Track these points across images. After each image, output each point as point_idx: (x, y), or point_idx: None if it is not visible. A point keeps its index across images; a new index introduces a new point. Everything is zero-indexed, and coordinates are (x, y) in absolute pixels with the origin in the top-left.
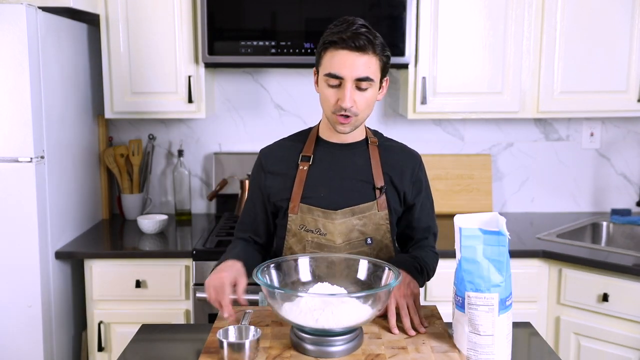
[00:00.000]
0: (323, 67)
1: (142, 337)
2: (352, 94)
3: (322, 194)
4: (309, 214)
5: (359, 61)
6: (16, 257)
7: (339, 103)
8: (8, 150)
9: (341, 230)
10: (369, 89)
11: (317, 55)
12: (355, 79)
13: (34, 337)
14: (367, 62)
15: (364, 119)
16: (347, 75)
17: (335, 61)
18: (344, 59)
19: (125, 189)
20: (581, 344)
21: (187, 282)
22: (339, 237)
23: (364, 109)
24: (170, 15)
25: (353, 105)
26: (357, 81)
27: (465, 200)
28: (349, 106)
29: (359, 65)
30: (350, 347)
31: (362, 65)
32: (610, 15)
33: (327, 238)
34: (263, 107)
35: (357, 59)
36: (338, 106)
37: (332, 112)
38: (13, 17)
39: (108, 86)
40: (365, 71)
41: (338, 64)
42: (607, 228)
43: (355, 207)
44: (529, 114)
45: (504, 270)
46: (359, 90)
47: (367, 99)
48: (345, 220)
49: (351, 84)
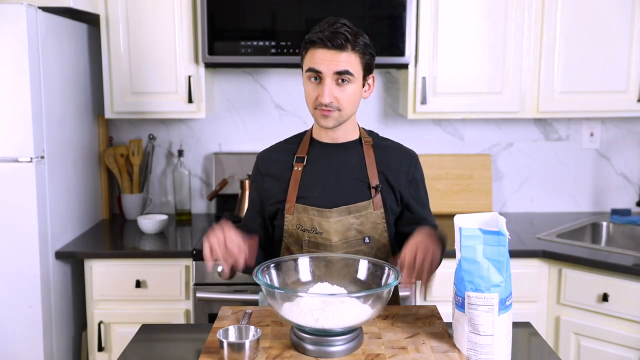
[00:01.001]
0: (304, 64)
1: (142, 337)
2: (332, 89)
3: (317, 194)
4: (304, 214)
5: (338, 57)
6: (16, 257)
7: (319, 99)
8: (8, 150)
9: (337, 228)
10: (349, 84)
11: (301, 55)
12: (335, 73)
13: (34, 337)
14: (345, 58)
15: (348, 115)
16: (325, 70)
17: (315, 58)
18: (322, 56)
19: (125, 189)
20: (581, 344)
21: (187, 282)
22: (335, 235)
23: (347, 104)
24: (170, 15)
25: (333, 101)
26: (337, 75)
27: (465, 200)
28: (327, 102)
29: (338, 61)
30: (350, 347)
31: (341, 60)
32: (610, 15)
33: (323, 237)
34: (263, 107)
35: (335, 55)
36: (318, 101)
37: (314, 108)
38: (13, 17)
39: (108, 86)
40: (344, 65)
41: (317, 60)
42: (607, 228)
43: (351, 206)
44: (529, 114)
45: (504, 270)
46: (339, 86)
47: (349, 94)
48: (341, 218)
49: (330, 80)
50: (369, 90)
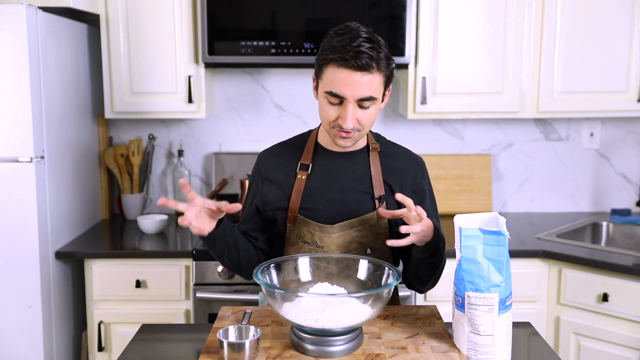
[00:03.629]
0: (324, 83)
1: (142, 337)
2: (354, 113)
3: (320, 206)
4: (305, 227)
5: (362, 80)
6: (16, 257)
7: (339, 122)
8: (8, 150)
9: (339, 243)
10: (372, 106)
11: (318, 66)
12: (358, 100)
13: (34, 337)
14: (370, 81)
15: (366, 132)
16: (348, 95)
17: (337, 80)
18: (345, 79)
19: (126, 189)
20: (581, 344)
21: (187, 282)
22: (336, 249)
23: (367, 124)
24: (170, 15)
25: (354, 125)
26: (359, 101)
27: (465, 200)
28: (350, 127)
29: (361, 86)
30: (350, 347)
31: (364, 85)
32: (610, 15)
33: (323, 251)
34: (263, 107)
35: (360, 78)
36: (338, 123)
37: (330, 127)
38: (13, 17)
39: (108, 86)
40: (368, 91)
41: (340, 83)
42: (607, 228)
43: (354, 220)
44: (529, 114)
45: (503, 270)
46: (361, 109)
47: (369, 115)
48: (343, 233)
49: (353, 105)
50: (384, 101)
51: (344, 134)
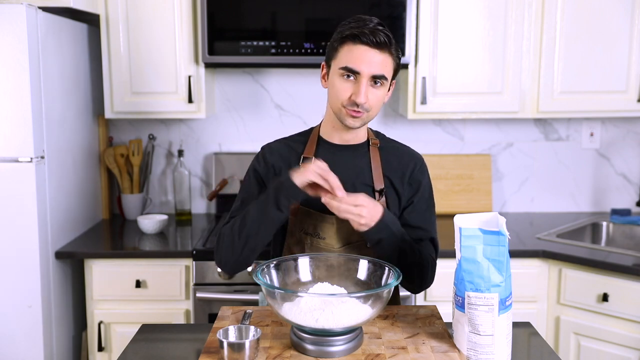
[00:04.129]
0: (338, 60)
1: (142, 337)
2: (367, 89)
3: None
4: (307, 217)
5: (377, 58)
6: (16, 257)
7: (353, 98)
8: (8, 150)
9: (340, 234)
10: (381, 87)
11: (332, 49)
12: (372, 76)
13: (34, 337)
14: (384, 60)
15: (373, 117)
16: (364, 70)
17: (354, 55)
18: (363, 54)
19: (126, 189)
20: (581, 344)
21: (187, 282)
22: (338, 241)
23: (376, 107)
24: (170, 15)
25: (367, 102)
26: (373, 78)
27: (465, 200)
28: (363, 102)
29: (377, 62)
30: (350, 347)
31: (379, 62)
32: (610, 15)
33: (325, 242)
34: (263, 107)
35: (375, 55)
36: (351, 101)
37: (342, 106)
38: (13, 17)
39: (108, 86)
40: (382, 69)
41: (357, 58)
42: (606, 228)
43: None
44: (529, 114)
45: (504, 270)
46: (372, 87)
47: (378, 97)
48: (344, 224)
49: (367, 80)
50: (389, 94)
51: (354, 113)
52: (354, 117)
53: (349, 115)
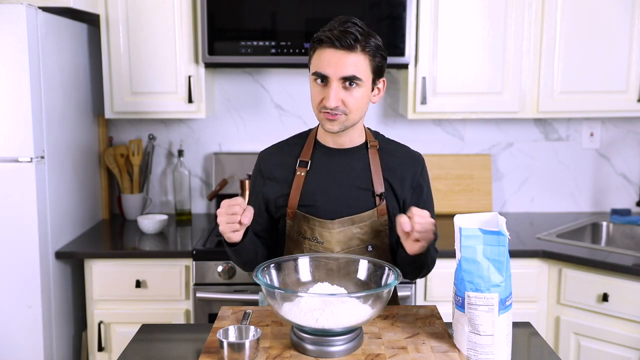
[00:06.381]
0: (312, 65)
1: (142, 337)
2: (338, 93)
3: (320, 203)
4: (305, 222)
5: (346, 60)
6: (16, 257)
7: (324, 102)
8: (8, 150)
9: (339, 239)
10: (357, 87)
11: (309, 56)
12: (341, 78)
13: (34, 337)
14: (354, 61)
15: (355, 120)
16: (331, 74)
17: (322, 59)
18: (329, 58)
19: (126, 189)
20: (581, 344)
21: (187, 282)
22: (337, 245)
23: (354, 109)
24: (170, 15)
25: (339, 105)
26: (343, 80)
27: (465, 200)
28: (332, 106)
29: (345, 64)
30: (350, 347)
31: (349, 64)
32: (610, 15)
33: (324, 246)
34: (263, 107)
35: (343, 57)
36: (323, 105)
37: (318, 111)
38: (13, 17)
39: (108, 86)
40: (352, 70)
41: (324, 62)
42: (606, 228)
43: (355, 217)
44: (529, 114)
45: (504, 270)
46: (346, 89)
47: (356, 99)
48: (344, 229)
49: (337, 83)
50: (378, 94)
51: (329, 116)
52: (331, 120)
53: (326, 119)
